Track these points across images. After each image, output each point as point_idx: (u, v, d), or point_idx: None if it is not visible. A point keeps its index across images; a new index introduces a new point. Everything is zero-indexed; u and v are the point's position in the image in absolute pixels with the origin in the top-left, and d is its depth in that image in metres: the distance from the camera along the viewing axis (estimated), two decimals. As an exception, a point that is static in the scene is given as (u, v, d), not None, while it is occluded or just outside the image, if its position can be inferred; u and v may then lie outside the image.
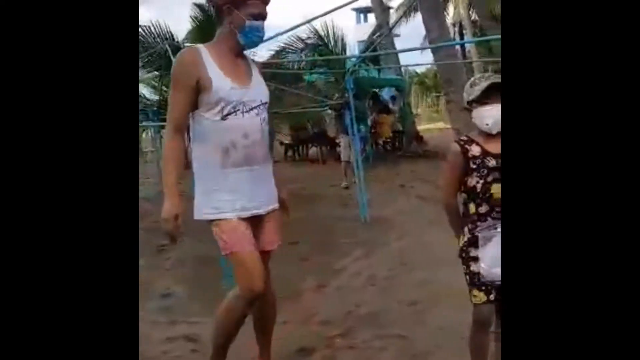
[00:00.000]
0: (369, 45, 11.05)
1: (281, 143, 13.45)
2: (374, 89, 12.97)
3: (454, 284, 2.65)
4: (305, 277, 4.11)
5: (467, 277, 2.15)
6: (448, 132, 11.56)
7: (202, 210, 2.27)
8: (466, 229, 2.14)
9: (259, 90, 2.33)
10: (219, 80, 2.20)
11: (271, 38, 4.12)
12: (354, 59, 6.98)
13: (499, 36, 1.93)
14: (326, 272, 4.23)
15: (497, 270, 2.01)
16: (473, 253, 2.11)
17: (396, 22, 18.40)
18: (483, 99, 2.08)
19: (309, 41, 10.32)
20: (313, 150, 14.14)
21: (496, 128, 2.07)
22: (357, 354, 2.79)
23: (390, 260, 4.47)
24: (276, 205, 2.41)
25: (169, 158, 2.22)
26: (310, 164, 12.76)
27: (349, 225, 5.87)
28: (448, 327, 2.83)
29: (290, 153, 13.95)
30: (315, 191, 8.25)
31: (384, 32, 12.15)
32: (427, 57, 16.97)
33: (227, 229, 2.23)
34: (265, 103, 2.34)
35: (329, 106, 6.79)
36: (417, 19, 14.67)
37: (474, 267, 2.10)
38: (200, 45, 2.29)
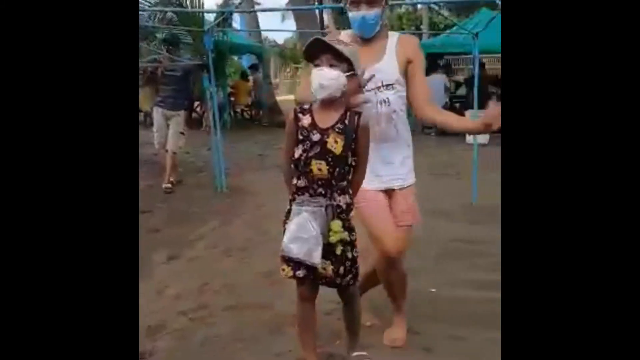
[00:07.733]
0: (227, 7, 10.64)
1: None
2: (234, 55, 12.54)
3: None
4: (157, 248, 3.86)
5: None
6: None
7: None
8: (289, 201, 2.02)
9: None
10: None
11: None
12: (212, 18, 6.66)
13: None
14: (179, 243, 4.02)
15: (293, 247, 1.89)
16: (286, 226, 1.98)
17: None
18: (315, 60, 1.91)
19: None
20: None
21: (320, 93, 1.88)
22: (212, 328, 2.67)
23: (247, 230, 4.39)
24: None
25: None
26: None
27: (204, 195, 5.65)
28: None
29: (141, 118, 13.01)
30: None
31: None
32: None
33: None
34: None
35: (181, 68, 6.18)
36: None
37: None
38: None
